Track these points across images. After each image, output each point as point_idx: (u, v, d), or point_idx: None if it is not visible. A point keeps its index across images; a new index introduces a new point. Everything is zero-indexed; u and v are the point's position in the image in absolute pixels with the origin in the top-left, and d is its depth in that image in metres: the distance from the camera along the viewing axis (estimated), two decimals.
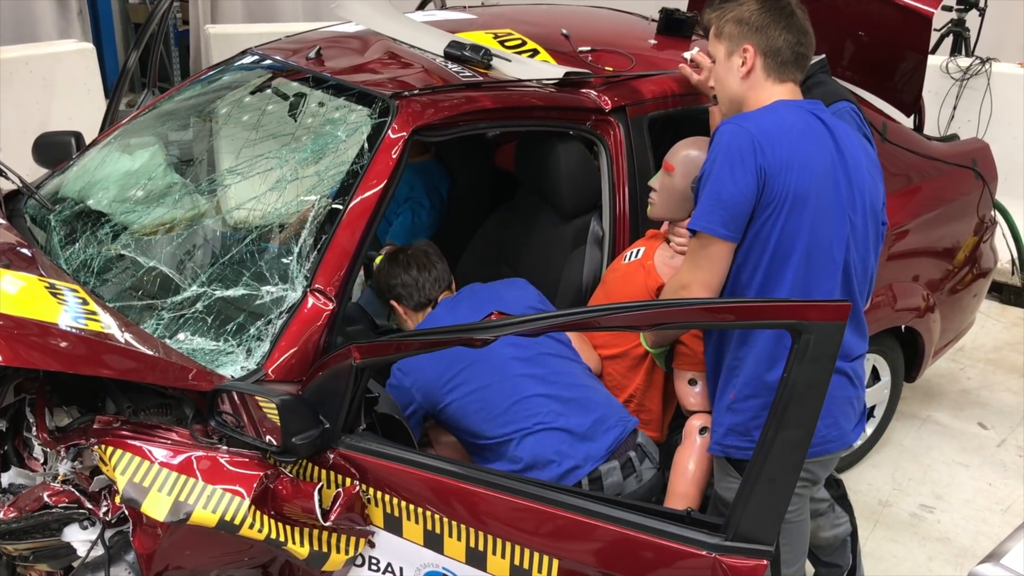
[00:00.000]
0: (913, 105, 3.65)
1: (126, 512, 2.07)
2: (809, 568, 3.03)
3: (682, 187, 2.61)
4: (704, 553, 1.82)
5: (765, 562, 1.79)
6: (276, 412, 2.04)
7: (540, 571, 1.98)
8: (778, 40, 2.28)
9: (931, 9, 3.21)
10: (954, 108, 5.74)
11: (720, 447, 2.39)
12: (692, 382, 2.61)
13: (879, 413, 3.87)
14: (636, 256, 2.76)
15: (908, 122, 3.90)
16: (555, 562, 1.96)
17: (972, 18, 6.09)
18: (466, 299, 2.69)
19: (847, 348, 2.33)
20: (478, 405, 2.48)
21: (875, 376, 3.72)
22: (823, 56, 2.79)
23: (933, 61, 5.40)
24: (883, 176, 2.43)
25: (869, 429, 3.89)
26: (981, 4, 5.97)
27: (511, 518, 1.99)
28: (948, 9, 6.00)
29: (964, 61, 5.75)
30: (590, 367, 2.72)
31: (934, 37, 5.89)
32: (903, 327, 3.62)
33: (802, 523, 2.52)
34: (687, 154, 2.63)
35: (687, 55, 2.95)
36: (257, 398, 2.11)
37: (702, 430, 2.56)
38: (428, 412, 2.56)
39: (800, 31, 2.30)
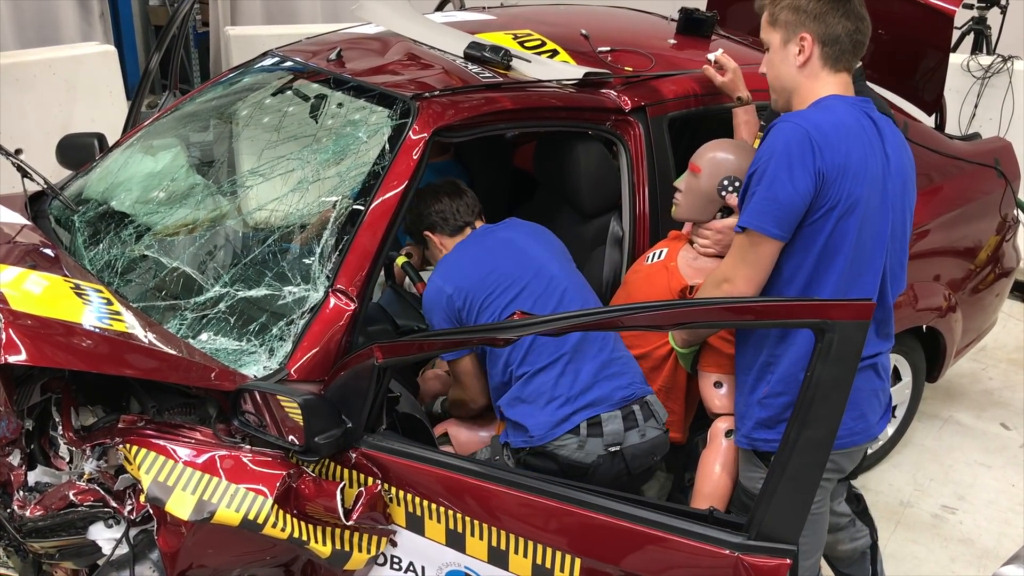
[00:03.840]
0: (934, 104, 3.63)
1: (151, 511, 2.09)
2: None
3: (707, 189, 2.60)
4: (727, 552, 1.82)
5: (788, 561, 1.79)
6: (299, 412, 2.05)
7: (562, 570, 1.98)
8: (836, 28, 2.22)
9: (953, 7, 3.19)
10: (975, 106, 5.69)
11: (747, 440, 2.38)
12: (718, 384, 2.59)
13: (900, 413, 3.85)
14: (659, 257, 2.75)
15: (929, 121, 3.88)
16: (577, 561, 1.96)
17: (994, 16, 6.05)
18: (504, 236, 2.69)
19: (872, 348, 2.32)
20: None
21: (896, 376, 3.70)
22: (859, 64, 2.74)
23: (954, 59, 5.36)
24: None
25: (890, 429, 3.87)
26: (1003, 1, 5.92)
27: (533, 517, 2.00)
28: (969, 7, 5.95)
29: (985, 59, 5.70)
30: None
31: (955, 35, 5.85)
32: (924, 327, 3.60)
33: (822, 515, 2.51)
34: (713, 156, 2.61)
35: (711, 56, 2.93)
36: (280, 398, 2.12)
37: (728, 433, 2.56)
38: (460, 320, 2.57)
39: (858, 18, 2.24)
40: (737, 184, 2.55)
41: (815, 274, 2.21)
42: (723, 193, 2.57)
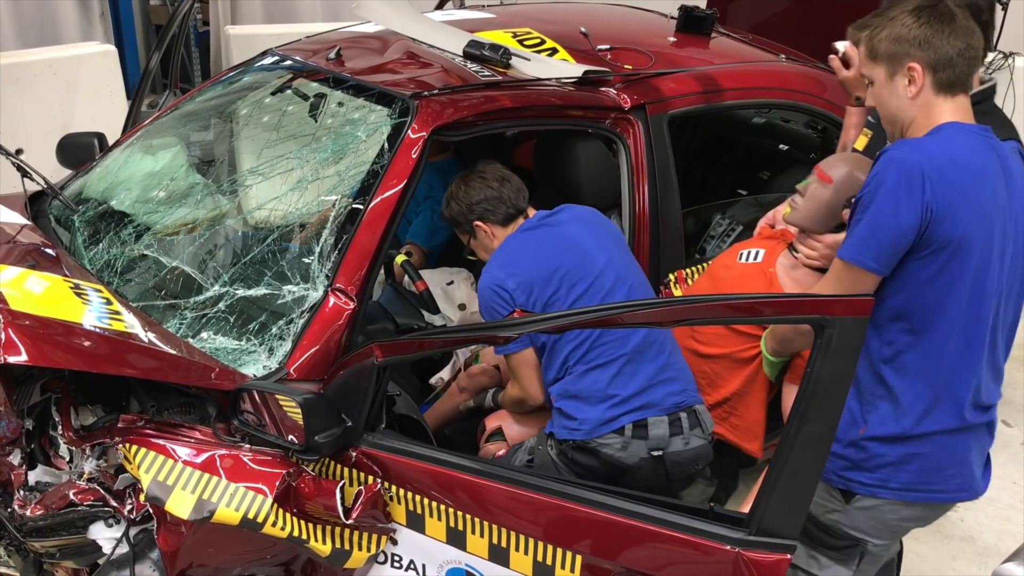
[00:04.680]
0: None
1: (150, 510, 2.09)
2: None
3: (834, 202, 2.47)
4: (727, 548, 1.82)
5: (788, 556, 1.79)
6: (299, 411, 2.05)
7: (563, 567, 1.98)
8: (946, 50, 2.02)
9: None
10: None
11: (841, 480, 2.19)
12: None
13: None
14: (755, 258, 2.67)
15: None
16: (578, 558, 1.96)
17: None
18: (563, 227, 2.61)
19: (990, 397, 2.20)
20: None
21: None
22: (993, 82, 2.53)
23: None
24: None
25: None
26: None
27: (534, 514, 2.00)
28: None
29: (987, 56, 5.70)
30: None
31: None
32: None
33: (885, 556, 2.38)
34: (850, 172, 2.48)
35: (839, 47, 2.71)
36: (279, 397, 2.12)
37: None
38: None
39: (967, 33, 2.04)
40: None
41: (926, 315, 2.06)
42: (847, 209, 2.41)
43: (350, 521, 2.06)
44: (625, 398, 2.46)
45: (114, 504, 2.14)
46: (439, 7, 4.71)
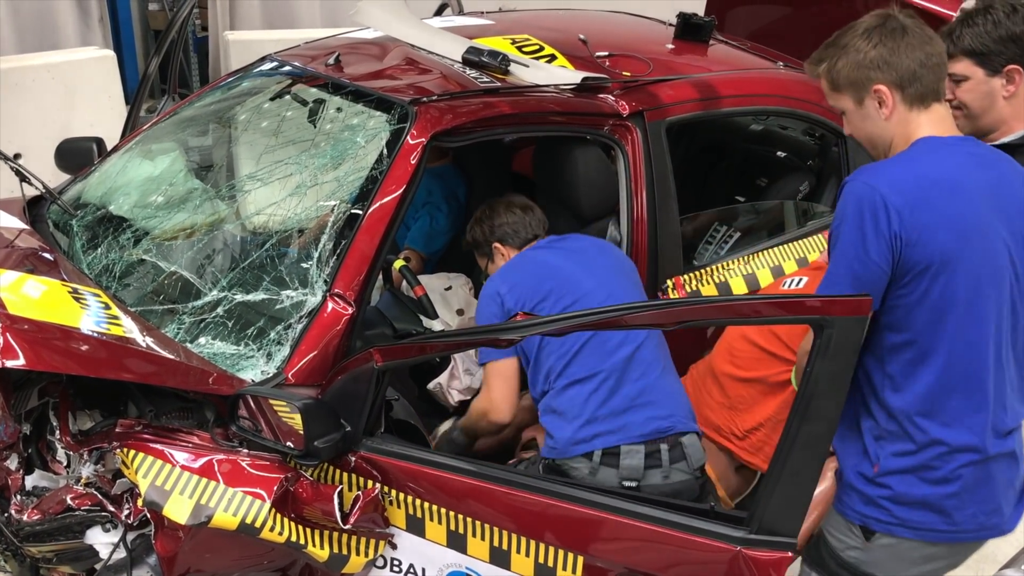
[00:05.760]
0: None
1: (148, 515, 2.08)
2: None
3: None
4: (728, 546, 1.83)
5: (789, 554, 1.80)
6: (295, 416, 2.05)
7: (565, 568, 1.98)
8: (907, 63, 1.97)
9: (951, 13, 3.19)
10: None
11: (857, 515, 2.09)
12: None
13: None
14: (797, 286, 2.64)
15: None
16: (579, 559, 1.97)
17: None
18: (569, 247, 2.69)
19: (1013, 420, 2.07)
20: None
21: None
22: None
23: None
24: None
25: None
26: None
27: (534, 516, 2.00)
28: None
29: None
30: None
31: None
32: None
33: None
34: None
35: None
36: (274, 403, 2.12)
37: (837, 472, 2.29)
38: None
39: (923, 42, 1.99)
40: None
41: (924, 341, 1.96)
42: None
43: (348, 526, 2.06)
44: (597, 418, 2.37)
45: (111, 509, 2.14)
46: (438, 13, 4.72)
